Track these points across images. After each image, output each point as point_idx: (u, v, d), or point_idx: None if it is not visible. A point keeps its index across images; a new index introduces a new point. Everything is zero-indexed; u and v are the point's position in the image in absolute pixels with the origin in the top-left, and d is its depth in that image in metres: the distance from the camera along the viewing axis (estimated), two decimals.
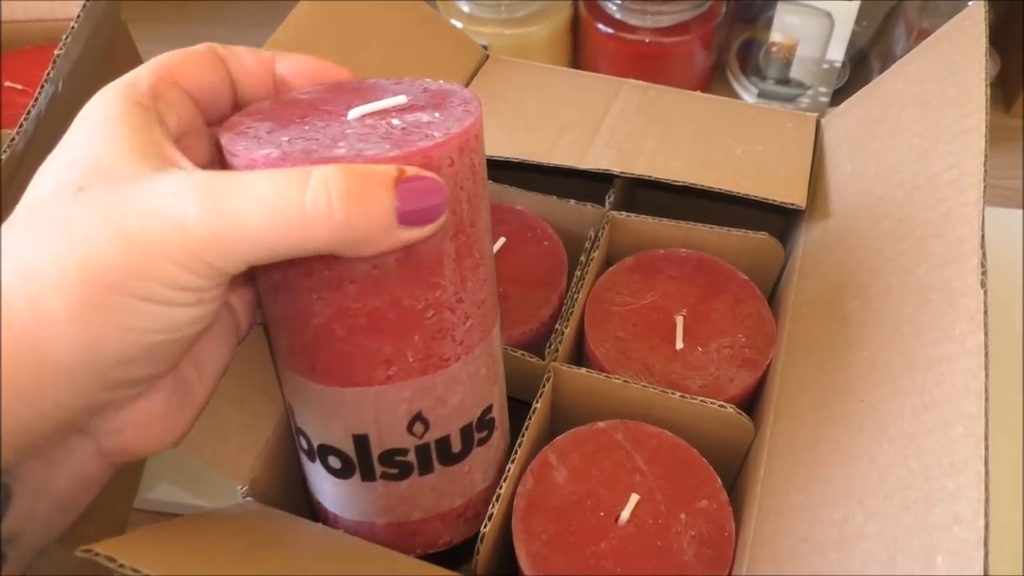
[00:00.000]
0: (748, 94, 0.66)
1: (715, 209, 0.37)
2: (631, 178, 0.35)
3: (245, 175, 0.19)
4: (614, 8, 0.64)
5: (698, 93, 0.41)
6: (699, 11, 0.64)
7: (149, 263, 0.18)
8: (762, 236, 0.35)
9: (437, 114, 0.23)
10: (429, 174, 0.21)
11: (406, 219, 0.20)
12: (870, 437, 0.24)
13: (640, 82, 0.41)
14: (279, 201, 0.19)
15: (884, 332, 0.26)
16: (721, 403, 0.30)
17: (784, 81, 0.63)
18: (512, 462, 0.29)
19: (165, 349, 0.20)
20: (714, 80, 0.70)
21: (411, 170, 0.20)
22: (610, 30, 0.65)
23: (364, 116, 0.23)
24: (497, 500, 0.28)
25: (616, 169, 0.35)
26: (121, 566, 0.20)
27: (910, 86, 0.33)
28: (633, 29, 0.64)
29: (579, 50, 0.69)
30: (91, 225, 0.18)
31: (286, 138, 0.22)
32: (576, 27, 0.68)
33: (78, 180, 0.19)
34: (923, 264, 0.26)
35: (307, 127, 0.22)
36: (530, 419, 0.30)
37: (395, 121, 0.23)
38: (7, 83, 0.43)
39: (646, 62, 0.66)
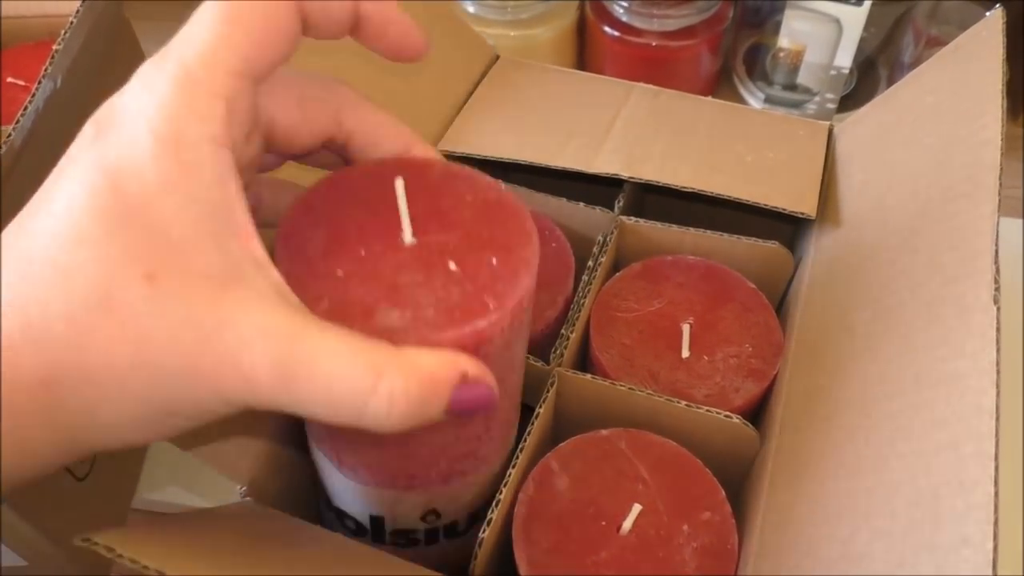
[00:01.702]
0: (754, 99, 0.66)
1: (724, 215, 0.37)
2: (640, 183, 0.35)
3: (321, 347, 0.18)
4: (621, 11, 0.64)
5: (709, 98, 0.40)
6: (706, 15, 0.64)
7: (209, 401, 0.18)
8: (772, 245, 0.35)
9: (495, 260, 0.22)
10: (487, 380, 0.20)
11: (452, 413, 0.20)
12: (877, 453, 0.24)
13: (651, 86, 0.40)
14: (344, 395, 0.18)
15: (894, 346, 0.26)
16: (727, 413, 0.29)
17: (791, 87, 0.63)
18: (513, 467, 0.28)
19: None
20: (720, 85, 0.69)
21: (472, 371, 0.20)
22: (616, 33, 0.64)
23: (421, 245, 0.22)
24: (497, 505, 0.27)
25: (625, 174, 0.35)
26: (120, 556, 0.20)
27: (924, 96, 0.32)
28: (639, 32, 0.64)
29: (585, 53, 0.69)
30: (162, 349, 0.17)
31: (340, 272, 0.21)
32: (582, 29, 0.68)
33: (145, 260, 0.17)
34: (936, 277, 0.26)
35: (363, 252, 0.21)
36: (533, 424, 0.30)
37: (452, 266, 0.22)
38: (9, 79, 0.43)
39: (652, 66, 0.65)
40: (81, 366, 0.17)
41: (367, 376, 0.18)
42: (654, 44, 0.63)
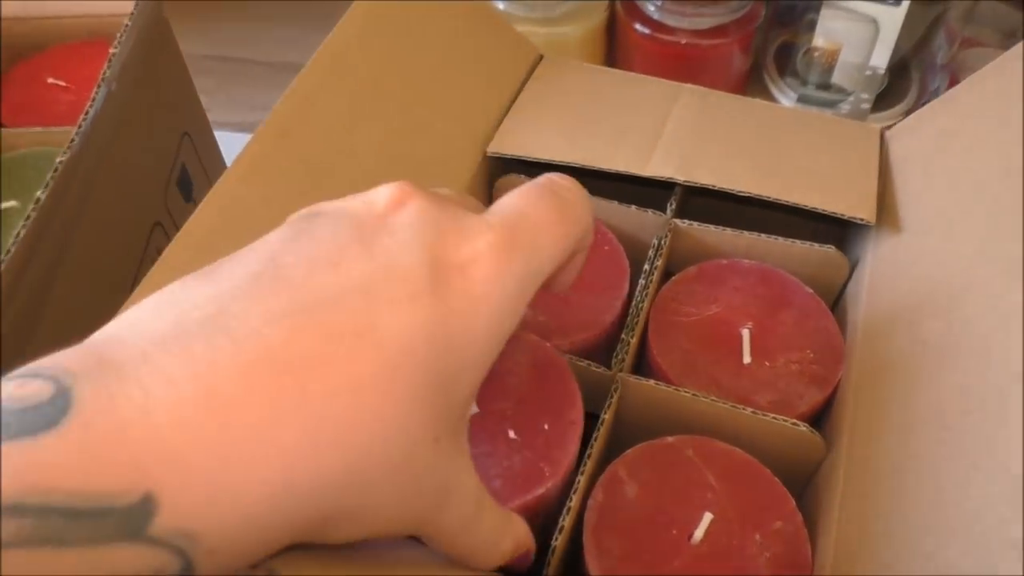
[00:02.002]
0: (786, 98, 0.65)
1: (770, 217, 0.36)
2: (694, 187, 0.35)
3: (490, 513, 0.22)
4: (652, 9, 0.64)
5: (758, 100, 0.40)
6: (739, 14, 0.63)
7: (401, 533, 0.20)
8: (828, 249, 0.35)
9: (547, 425, 0.27)
10: (533, 551, 0.24)
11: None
12: (959, 468, 0.24)
13: (698, 87, 0.40)
14: (479, 549, 0.22)
15: (971, 358, 0.26)
16: (793, 421, 0.29)
17: (825, 86, 0.63)
18: (581, 474, 0.28)
19: None
20: (750, 83, 0.69)
21: (532, 547, 0.24)
22: (647, 31, 0.64)
23: (485, 415, 0.26)
24: (568, 512, 0.27)
25: (680, 177, 0.35)
26: None
27: (987, 101, 0.32)
28: (671, 30, 0.64)
29: (615, 50, 0.68)
30: (421, 502, 0.19)
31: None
32: (611, 27, 0.67)
33: (439, 425, 0.19)
34: (1013, 289, 0.26)
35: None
36: (598, 431, 0.29)
37: (512, 434, 0.27)
38: (50, 79, 0.42)
39: (683, 64, 0.65)
40: (360, 510, 0.18)
41: (499, 538, 0.22)
42: (685, 42, 0.63)
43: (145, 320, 0.17)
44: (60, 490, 0.14)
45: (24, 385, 0.15)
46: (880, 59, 0.59)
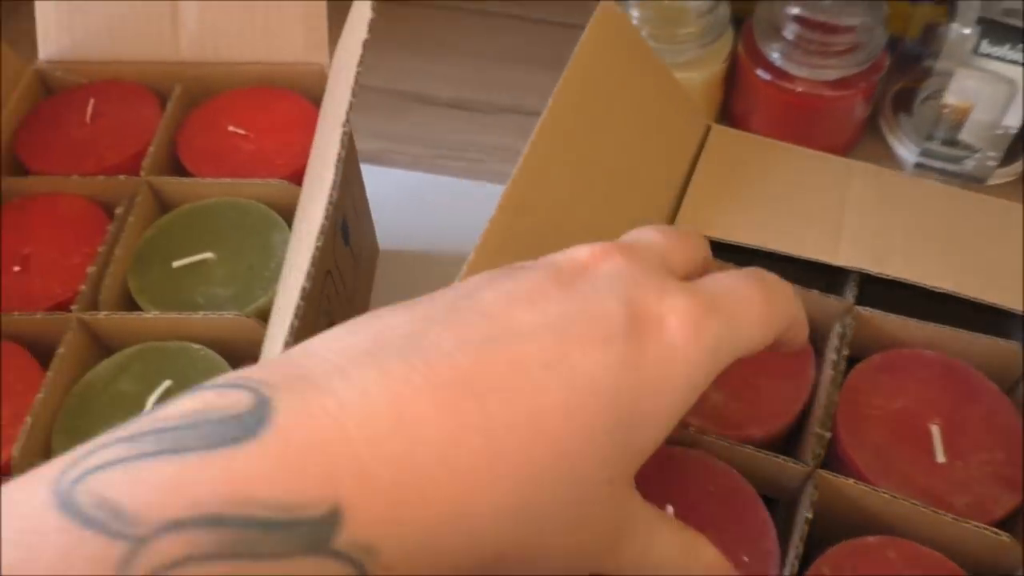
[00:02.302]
0: (906, 150, 0.65)
1: (927, 301, 0.36)
2: (884, 278, 0.35)
3: (662, 536, 0.22)
4: (776, 56, 0.64)
5: (931, 181, 0.40)
6: (864, 66, 0.63)
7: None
8: (1013, 345, 0.35)
9: (746, 557, 0.28)
10: None
11: None
12: None
13: (869, 165, 0.40)
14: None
15: None
16: (995, 529, 0.30)
17: (951, 142, 0.62)
18: (786, 569, 0.29)
19: None
20: (867, 130, 0.69)
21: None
22: (769, 76, 0.64)
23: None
24: None
25: (873, 269, 0.35)
26: None
27: None
28: (792, 79, 0.63)
29: (733, 94, 0.68)
30: (593, 542, 0.19)
31: None
32: (732, 71, 0.67)
33: (616, 466, 0.19)
34: None
35: None
36: (803, 529, 0.30)
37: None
38: (229, 127, 0.43)
39: (804, 112, 0.65)
40: (530, 547, 0.18)
41: (683, 568, 0.22)
42: (807, 91, 0.63)
43: (340, 337, 0.18)
44: (255, 501, 0.14)
45: (224, 395, 0.16)
46: (1014, 119, 0.58)
